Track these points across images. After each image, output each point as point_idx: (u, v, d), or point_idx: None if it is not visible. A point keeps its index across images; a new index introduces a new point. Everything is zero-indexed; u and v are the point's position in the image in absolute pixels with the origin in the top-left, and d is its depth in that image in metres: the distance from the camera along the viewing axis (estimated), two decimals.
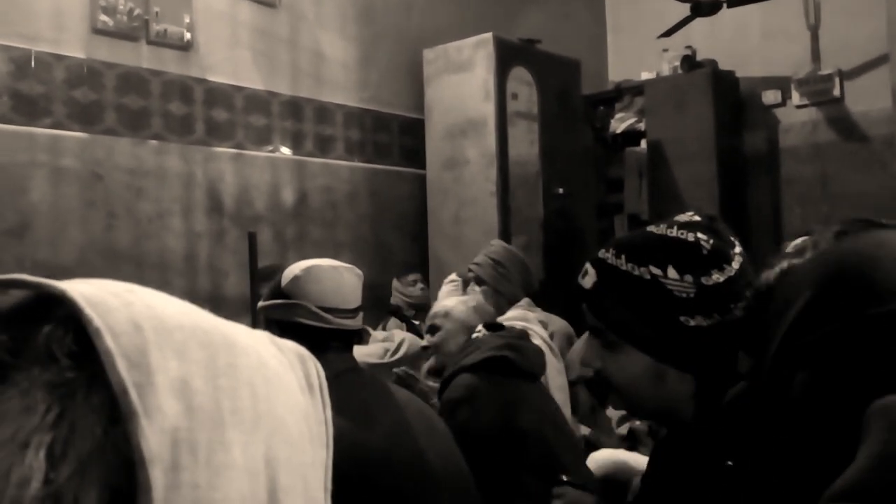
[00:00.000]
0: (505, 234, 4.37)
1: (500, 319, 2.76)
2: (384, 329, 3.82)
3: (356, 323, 1.81)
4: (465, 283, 3.30)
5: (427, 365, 2.38)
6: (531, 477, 1.94)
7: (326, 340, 1.72)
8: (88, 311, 0.39)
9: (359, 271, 1.86)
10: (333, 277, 1.78)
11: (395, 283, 4.13)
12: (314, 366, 0.49)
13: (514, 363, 2.10)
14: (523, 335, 2.30)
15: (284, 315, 1.74)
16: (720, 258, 1.10)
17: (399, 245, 4.73)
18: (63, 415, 0.37)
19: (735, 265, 1.10)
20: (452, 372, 2.14)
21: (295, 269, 1.79)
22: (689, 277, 1.08)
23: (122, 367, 0.38)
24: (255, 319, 2.68)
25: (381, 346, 3.43)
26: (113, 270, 3.36)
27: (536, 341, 2.58)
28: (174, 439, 0.38)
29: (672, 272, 1.08)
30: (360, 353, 2.54)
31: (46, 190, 3.38)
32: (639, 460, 2.01)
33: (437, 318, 2.42)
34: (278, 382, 0.45)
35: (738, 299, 1.09)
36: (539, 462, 1.96)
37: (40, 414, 0.37)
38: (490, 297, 2.88)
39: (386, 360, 3.33)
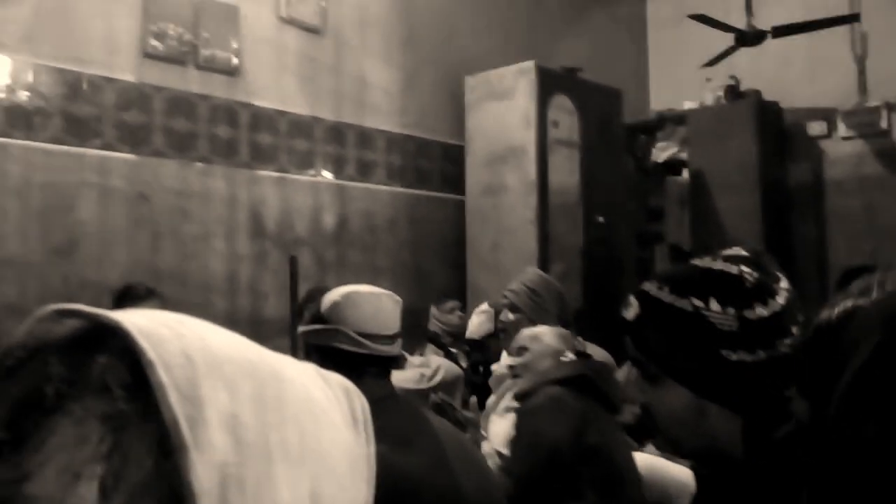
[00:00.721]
0: (543, 262, 4.35)
1: None
2: (421, 355, 3.82)
3: (394, 349, 1.81)
4: (497, 312, 3.29)
5: (518, 388, 2.41)
6: (593, 493, 1.98)
7: (364, 366, 1.72)
8: (142, 342, 0.39)
9: (397, 297, 1.86)
10: (372, 303, 1.79)
11: (433, 310, 4.12)
12: (359, 400, 0.50)
13: (597, 386, 2.22)
14: (608, 368, 2.40)
15: (324, 340, 1.75)
16: (764, 292, 1.08)
17: (437, 271, 4.74)
18: (116, 446, 0.38)
19: (780, 300, 1.08)
20: (537, 384, 2.25)
21: (334, 294, 1.80)
22: (731, 310, 1.06)
23: (174, 399, 0.38)
24: (294, 342, 2.70)
25: (416, 371, 3.42)
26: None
27: None
28: (223, 474, 0.38)
29: (714, 304, 1.06)
30: (396, 378, 2.53)
31: (94, 210, 3.45)
32: (676, 468, 2.01)
33: (525, 340, 2.49)
34: (324, 417, 0.45)
35: (784, 335, 1.06)
36: (604, 481, 2.00)
37: (94, 445, 0.38)
38: (524, 324, 2.86)
39: (422, 385, 3.32)
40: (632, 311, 1.15)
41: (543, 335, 2.48)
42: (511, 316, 2.93)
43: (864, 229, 5.03)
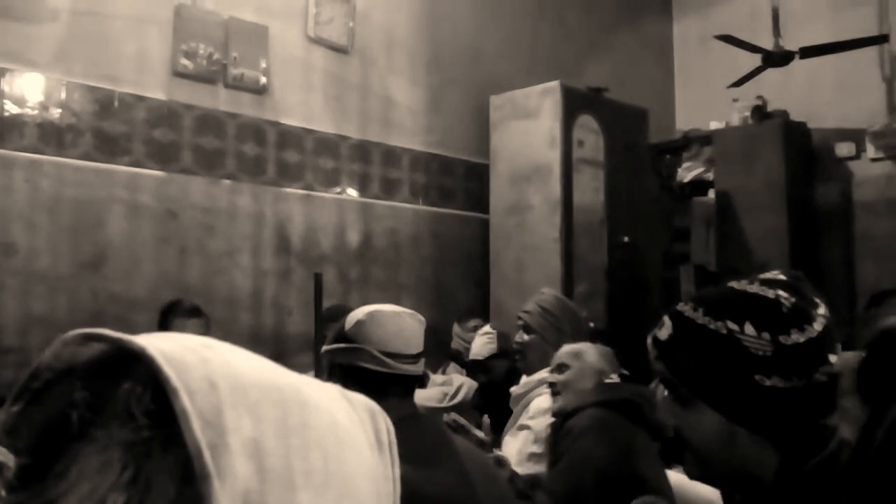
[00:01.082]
0: (567, 282, 4.34)
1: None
2: (443, 373, 3.81)
3: (417, 369, 1.81)
4: (499, 334, 3.25)
5: (557, 406, 2.35)
6: None
7: (388, 385, 1.72)
8: (167, 369, 0.39)
9: (421, 317, 1.86)
10: (396, 323, 1.80)
11: (455, 327, 4.12)
12: (384, 422, 0.49)
13: (644, 413, 2.16)
14: (653, 393, 2.34)
15: (347, 359, 1.76)
16: (801, 318, 1.06)
17: (461, 289, 4.74)
18: (139, 474, 0.38)
19: (817, 327, 1.06)
20: (581, 405, 2.20)
21: (358, 313, 1.81)
22: (766, 335, 1.04)
23: (197, 427, 0.38)
24: (317, 359, 2.71)
25: (439, 390, 3.41)
26: None
27: None
28: (246, 503, 0.38)
29: (749, 328, 1.05)
30: (419, 396, 2.53)
31: (123, 225, 3.50)
32: (702, 487, 1.98)
33: (566, 357, 2.41)
34: (349, 441, 0.45)
35: (820, 363, 1.04)
36: None
37: (116, 472, 0.38)
38: (540, 346, 2.83)
39: (444, 404, 3.31)
40: (665, 331, 1.14)
41: (586, 353, 2.41)
42: (526, 337, 2.88)
43: (892, 251, 4.96)
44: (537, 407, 2.62)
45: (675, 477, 2.17)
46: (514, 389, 2.83)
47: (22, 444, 0.39)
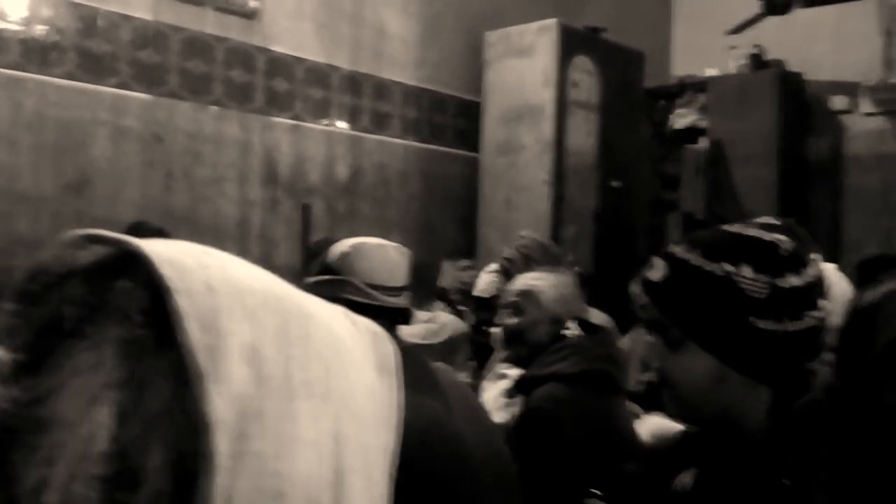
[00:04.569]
0: (555, 224, 4.33)
1: None
2: (429, 311, 3.82)
3: (402, 301, 1.81)
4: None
5: (508, 354, 2.23)
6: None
7: (372, 317, 1.71)
8: (163, 269, 0.38)
9: (406, 250, 1.86)
10: (380, 255, 1.79)
11: (446, 265, 4.11)
12: (388, 345, 0.49)
13: (612, 379, 1.99)
14: (618, 348, 2.17)
15: (331, 291, 1.74)
16: (798, 262, 1.06)
17: (448, 227, 4.73)
18: (132, 373, 0.37)
19: (812, 271, 1.06)
20: (542, 375, 2.00)
21: (343, 245, 1.80)
22: (763, 277, 1.04)
23: (192, 328, 0.37)
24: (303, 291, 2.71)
25: (423, 326, 3.42)
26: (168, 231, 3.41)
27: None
28: (241, 407, 0.37)
29: (746, 270, 1.04)
30: (403, 333, 2.53)
31: (107, 148, 3.44)
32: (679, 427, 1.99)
33: (517, 296, 2.17)
34: (351, 359, 0.44)
35: (811, 307, 1.05)
36: (609, 468, 1.89)
37: (109, 370, 0.37)
38: None
39: (429, 341, 3.33)
40: (658, 272, 1.12)
41: (540, 294, 2.14)
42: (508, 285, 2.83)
43: (880, 207, 4.98)
44: None
45: (658, 421, 2.14)
46: (494, 331, 2.83)
47: (18, 342, 0.39)
